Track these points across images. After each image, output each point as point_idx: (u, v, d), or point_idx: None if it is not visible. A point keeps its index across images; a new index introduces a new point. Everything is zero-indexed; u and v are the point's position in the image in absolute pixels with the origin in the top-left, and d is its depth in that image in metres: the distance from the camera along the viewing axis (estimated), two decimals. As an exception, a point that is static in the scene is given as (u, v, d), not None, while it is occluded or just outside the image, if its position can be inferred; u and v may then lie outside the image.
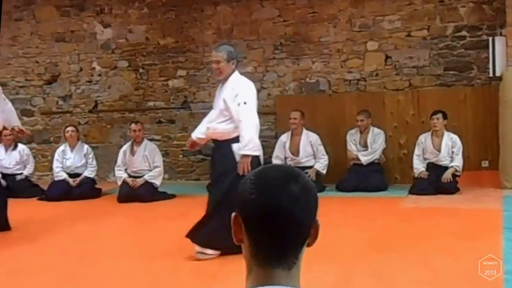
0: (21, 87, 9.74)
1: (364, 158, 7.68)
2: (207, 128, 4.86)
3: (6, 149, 8.43)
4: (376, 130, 7.81)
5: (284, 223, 1.18)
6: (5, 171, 8.27)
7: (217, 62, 4.67)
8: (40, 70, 9.61)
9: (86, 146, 8.21)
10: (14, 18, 9.65)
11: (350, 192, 7.38)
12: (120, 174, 7.68)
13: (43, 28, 9.58)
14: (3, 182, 8.13)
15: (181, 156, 9.07)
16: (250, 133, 4.48)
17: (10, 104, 6.44)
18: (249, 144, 4.46)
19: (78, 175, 7.99)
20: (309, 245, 1.24)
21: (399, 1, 8.12)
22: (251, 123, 4.50)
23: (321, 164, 7.72)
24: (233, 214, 1.25)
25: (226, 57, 4.62)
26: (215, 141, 4.85)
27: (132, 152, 7.75)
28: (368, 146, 7.74)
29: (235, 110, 4.54)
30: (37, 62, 9.63)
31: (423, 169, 7.34)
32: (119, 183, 7.64)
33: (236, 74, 4.72)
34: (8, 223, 5.91)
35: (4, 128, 8.57)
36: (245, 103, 4.53)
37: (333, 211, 5.85)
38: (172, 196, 7.62)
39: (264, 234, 1.19)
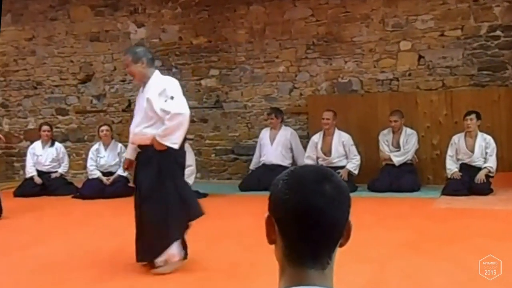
0: (56, 86, 9.91)
1: (397, 159, 7.64)
2: (134, 134, 4.56)
3: (44, 146, 8.60)
4: (409, 130, 7.76)
5: (318, 223, 1.18)
6: (40, 168, 8.47)
7: (126, 66, 4.68)
8: (74, 69, 9.77)
9: (119, 145, 8.33)
10: (50, 17, 9.83)
11: (382, 192, 7.35)
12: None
13: (77, 27, 9.73)
14: (39, 180, 8.36)
15: (213, 155, 9.13)
16: (173, 124, 4.30)
17: None
18: (166, 133, 4.31)
19: (111, 173, 8.12)
20: (341, 245, 1.24)
21: (433, 0, 8.04)
22: (177, 116, 4.32)
23: (353, 164, 7.70)
24: (266, 215, 1.24)
25: (132, 59, 4.47)
26: (142, 147, 4.51)
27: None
28: (401, 146, 7.70)
29: (160, 108, 4.36)
30: (71, 61, 9.79)
31: (456, 169, 7.27)
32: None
33: (157, 73, 4.56)
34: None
35: (44, 123, 8.79)
36: (172, 97, 4.38)
37: (365, 211, 5.85)
38: (204, 195, 7.65)
39: (299, 235, 1.19)
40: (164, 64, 9.29)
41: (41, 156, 8.54)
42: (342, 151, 7.81)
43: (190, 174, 7.72)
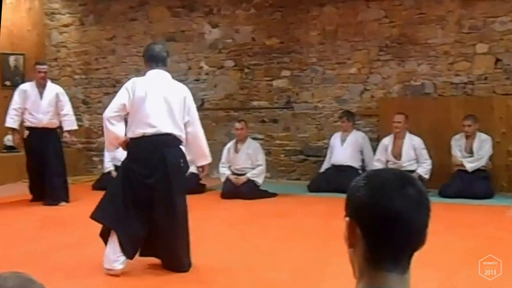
0: (134, 84, 10.26)
1: (469, 165, 7.48)
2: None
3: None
4: (483, 136, 7.58)
5: (402, 227, 1.18)
6: (117, 163, 8.74)
7: None
8: (151, 68, 10.08)
9: None
10: (129, 18, 10.19)
11: (453, 198, 7.22)
12: (224, 171, 7.94)
13: (155, 28, 10.04)
14: (116, 174, 8.69)
15: (282, 155, 9.23)
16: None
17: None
18: None
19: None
20: (416, 249, 1.23)
21: (512, 2, 7.83)
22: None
23: (424, 169, 7.60)
24: (346, 219, 1.25)
25: None
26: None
27: (236, 150, 8.00)
28: (474, 152, 7.53)
29: None
30: (149, 60, 10.09)
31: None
32: (223, 179, 7.90)
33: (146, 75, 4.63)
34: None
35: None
36: None
37: (435, 217, 5.61)
38: (274, 195, 7.78)
39: (382, 238, 1.19)
40: (236, 64, 9.47)
41: (118, 152, 8.81)
42: (413, 155, 7.72)
43: (260, 174, 7.86)
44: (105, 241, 4.40)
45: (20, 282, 1.12)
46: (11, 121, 7.53)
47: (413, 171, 7.46)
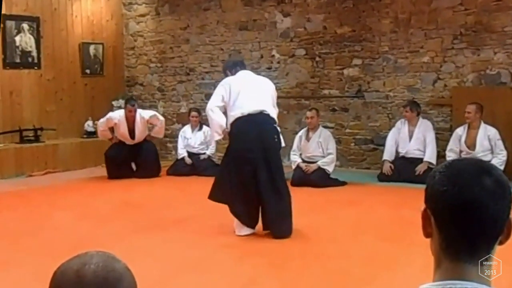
0: (207, 72, 10.51)
1: (546, 157, 7.29)
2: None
3: (193, 130, 9.24)
4: (562, 126, 7.36)
5: (477, 217, 1.17)
6: (190, 150, 9.11)
7: None
8: (224, 57, 10.27)
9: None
10: (203, 8, 10.40)
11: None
12: (295, 158, 8.06)
13: (228, 17, 10.22)
14: (189, 160, 9.00)
15: (352, 144, 9.25)
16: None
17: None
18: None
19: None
20: (501, 243, 1.22)
21: None
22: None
23: (499, 160, 7.44)
24: (422, 208, 1.26)
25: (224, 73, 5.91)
26: None
27: (307, 138, 8.10)
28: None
29: None
30: (221, 49, 10.32)
31: None
32: (293, 167, 8.01)
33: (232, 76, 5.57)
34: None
35: (193, 109, 9.43)
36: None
37: None
38: (343, 183, 7.83)
39: (457, 228, 1.19)
40: (307, 53, 9.52)
41: (191, 139, 9.18)
42: (488, 146, 7.58)
43: (330, 162, 7.94)
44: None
45: (104, 259, 1.19)
46: (105, 133, 8.80)
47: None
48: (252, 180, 5.08)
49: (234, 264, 4.48)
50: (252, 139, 5.09)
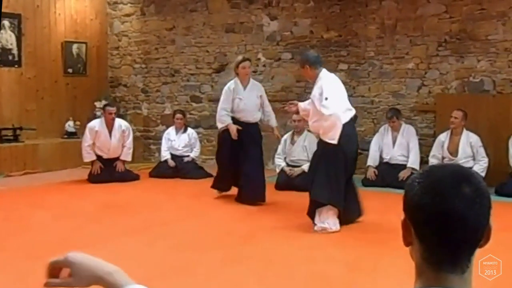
0: (192, 74, 10.47)
1: (528, 165, 7.36)
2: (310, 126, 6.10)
3: (177, 132, 9.18)
4: (543, 135, 7.44)
5: (457, 227, 1.15)
6: (174, 152, 9.05)
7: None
8: (209, 59, 10.26)
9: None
10: (189, 9, 10.37)
11: (510, 197, 7.13)
12: (279, 162, 8.04)
13: (214, 19, 10.19)
14: (172, 163, 8.94)
15: (337, 148, 9.24)
16: (327, 124, 5.50)
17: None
18: (324, 132, 5.62)
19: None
20: (481, 246, 1.20)
21: None
22: (329, 117, 5.44)
23: (480, 166, 7.51)
24: (402, 218, 1.23)
25: (300, 64, 6.09)
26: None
27: (292, 142, 8.09)
28: (533, 151, 7.41)
29: (318, 108, 5.56)
30: (207, 51, 10.29)
31: None
32: (277, 170, 8.00)
33: (323, 73, 5.69)
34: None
35: (178, 111, 9.38)
36: (326, 98, 5.41)
37: (492, 215, 5.72)
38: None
39: (437, 239, 1.16)
40: (294, 57, 9.53)
41: (175, 141, 9.12)
42: (470, 152, 7.64)
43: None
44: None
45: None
46: (89, 155, 8.47)
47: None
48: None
49: (218, 268, 4.45)
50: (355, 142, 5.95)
